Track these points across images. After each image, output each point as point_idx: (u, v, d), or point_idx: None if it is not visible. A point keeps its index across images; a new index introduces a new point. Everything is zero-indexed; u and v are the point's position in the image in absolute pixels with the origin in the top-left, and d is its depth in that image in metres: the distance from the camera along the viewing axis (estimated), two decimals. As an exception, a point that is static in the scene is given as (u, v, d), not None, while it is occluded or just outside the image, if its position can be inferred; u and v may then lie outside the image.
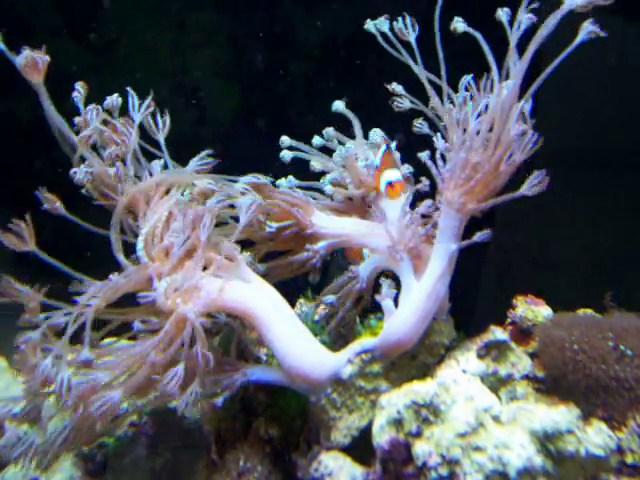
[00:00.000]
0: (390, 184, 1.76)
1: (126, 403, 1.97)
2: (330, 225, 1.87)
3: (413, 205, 1.79)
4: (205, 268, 1.63)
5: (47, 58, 1.64)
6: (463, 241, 1.66)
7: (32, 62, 1.61)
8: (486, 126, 1.60)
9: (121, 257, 1.65)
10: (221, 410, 1.77)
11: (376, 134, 2.00)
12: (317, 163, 1.99)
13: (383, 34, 1.78)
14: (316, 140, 2.02)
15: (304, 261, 1.84)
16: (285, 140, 1.99)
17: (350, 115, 1.99)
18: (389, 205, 1.85)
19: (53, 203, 1.67)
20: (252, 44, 2.60)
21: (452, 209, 1.62)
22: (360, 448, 1.66)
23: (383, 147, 1.85)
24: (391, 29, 1.78)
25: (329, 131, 2.02)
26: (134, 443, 1.97)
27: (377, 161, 1.84)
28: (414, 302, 1.66)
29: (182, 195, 1.74)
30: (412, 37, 1.75)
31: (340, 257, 1.98)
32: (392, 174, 1.76)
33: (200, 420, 1.94)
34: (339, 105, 1.99)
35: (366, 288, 1.82)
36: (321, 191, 2.00)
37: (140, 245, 1.61)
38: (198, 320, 1.51)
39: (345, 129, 2.05)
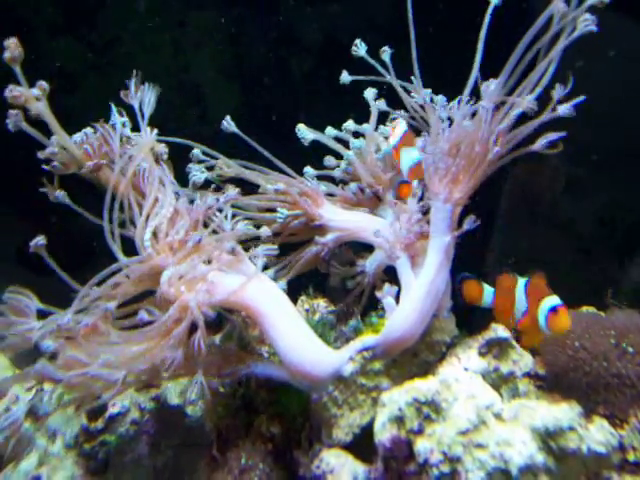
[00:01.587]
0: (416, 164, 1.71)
1: (128, 401, 1.98)
2: (338, 218, 1.89)
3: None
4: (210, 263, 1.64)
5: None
6: (464, 239, 1.67)
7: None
8: (460, 117, 1.62)
9: (120, 255, 1.65)
10: (220, 403, 1.78)
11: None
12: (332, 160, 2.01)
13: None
14: (329, 131, 2.03)
15: (314, 255, 1.86)
16: (302, 129, 2.00)
17: (372, 105, 1.99)
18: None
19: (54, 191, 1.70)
20: (253, 42, 2.60)
21: (439, 201, 1.64)
22: (362, 445, 1.66)
23: (402, 126, 1.79)
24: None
25: (348, 125, 2.02)
26: (136, 441, 1.97)
27: (396, 139, 1.78)
28: (414, 298, 1.66)
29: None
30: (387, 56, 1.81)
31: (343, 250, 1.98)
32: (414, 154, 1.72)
33: (202, 418, 1.94)
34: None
35: (372, 283, 1.84)
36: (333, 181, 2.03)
37: (147, 236, 1.60)
38: (199, 309, 1.51)
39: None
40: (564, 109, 1.54)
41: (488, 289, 1.73)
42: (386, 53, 1.82)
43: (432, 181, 1.65)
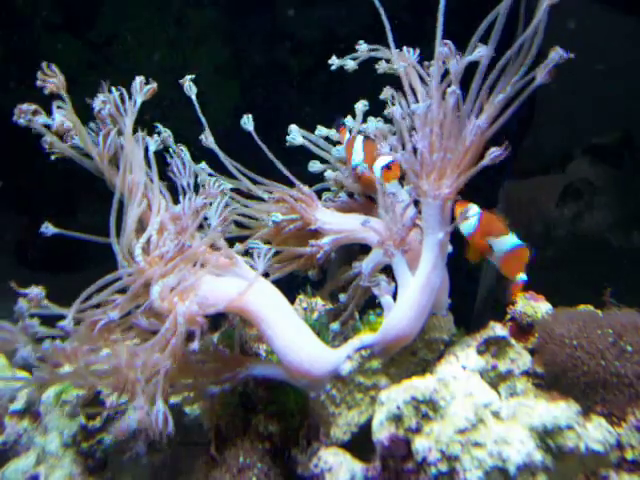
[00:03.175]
0: (387, 167, 1.75)
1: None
2: (333, 221, 1.87)
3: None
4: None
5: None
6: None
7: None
8: (435, 111, 1.60)
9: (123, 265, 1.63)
10: (218, 402, 1.77)
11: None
12: (316, 165, 2.01)
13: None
14: (320, 130, 2.03)
15: (309, 256, 1.84)
16: (294, 129, 1.99)
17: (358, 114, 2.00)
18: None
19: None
20: (251, 40, 2.60)
21: (429, 198, 1.62)
22: (360, 444, 1.66)
23: (359, 140, 1.84)
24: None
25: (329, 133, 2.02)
26: (134, 440, 1.97)
27: (361, 155, 1.83)
28: (410, 296, 1.66)
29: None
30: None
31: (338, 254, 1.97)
32: (384, 159, 1.76)
33: (200, 416, 1.94)
34: None
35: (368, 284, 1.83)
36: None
37: (138, 251, 1.58)
38: (186, 323, 1.50)
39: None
40: (542, 76, 1.50)
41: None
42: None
43: (418, 179, 1.63)
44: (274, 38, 2.60)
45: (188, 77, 1.82)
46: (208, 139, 1.89)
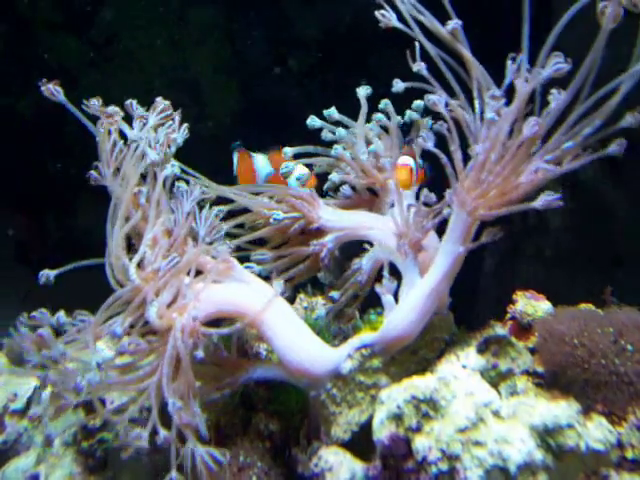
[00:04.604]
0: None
1: (126, 398, 1.98)
2: (336, 218, 1.86)
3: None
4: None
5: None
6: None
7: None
8: (505, 127, 1.50)
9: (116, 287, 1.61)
10: (220, 405, 1.77)
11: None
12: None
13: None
14: (313, 121, 1.98)
15: (313, 259, 1.84)
16: (288, 151, 1.92)
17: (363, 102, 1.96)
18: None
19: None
20: (252, 39, 2.60)
21: (463, 211, 1.58)
22: (360, 443, 1.65)
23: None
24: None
25: (332, 112, 1.98)
26: (135, 438, 1.97)
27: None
28: (415, 298, 1.65)
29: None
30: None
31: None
32: (403, 159, 1.73)
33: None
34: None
35: (368, 281, 1.82)
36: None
37: (132, 270, 1.56)
38: (185, 338, 1.51)
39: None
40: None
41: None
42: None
43: (460, 187, 1.58)
44: (274, 37, 2.60)
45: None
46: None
